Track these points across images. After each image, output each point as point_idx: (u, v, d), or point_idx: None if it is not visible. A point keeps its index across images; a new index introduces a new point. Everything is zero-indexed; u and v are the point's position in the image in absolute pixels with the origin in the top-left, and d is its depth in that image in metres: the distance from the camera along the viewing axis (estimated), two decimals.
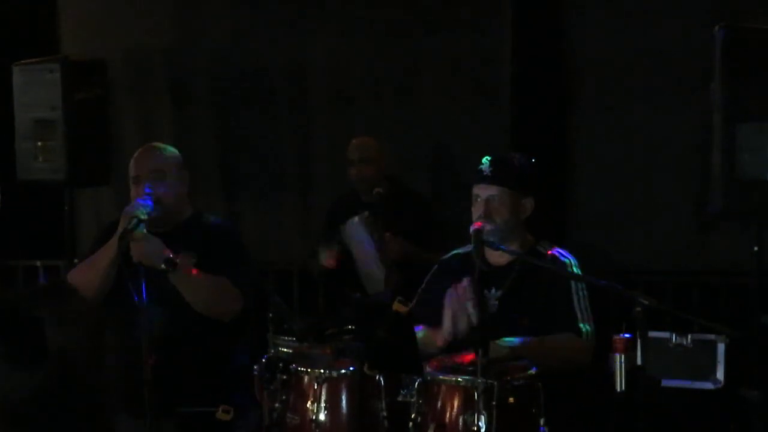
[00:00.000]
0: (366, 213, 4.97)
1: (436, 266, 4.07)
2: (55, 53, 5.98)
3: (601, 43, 6.10)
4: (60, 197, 5.61)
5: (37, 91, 5.26)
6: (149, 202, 3.75)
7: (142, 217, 3.67)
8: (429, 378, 3.46)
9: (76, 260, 4.80)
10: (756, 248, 4.18)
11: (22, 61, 5.39)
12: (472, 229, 3.70)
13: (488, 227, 3.75)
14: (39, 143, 5.26)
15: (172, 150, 3.99)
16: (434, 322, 3.86)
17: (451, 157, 6.43)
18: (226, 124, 6.86)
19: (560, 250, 3.86)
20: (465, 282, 3.63)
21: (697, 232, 5.92)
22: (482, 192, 3.81)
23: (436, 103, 6.45)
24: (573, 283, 3.74)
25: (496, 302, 3.78)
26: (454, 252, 3.98)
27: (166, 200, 3.83)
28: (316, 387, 3.56)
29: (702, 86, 4.34)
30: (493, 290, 3.80)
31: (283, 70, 6.75)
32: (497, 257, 3.83)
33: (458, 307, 3.64)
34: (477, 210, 3.81)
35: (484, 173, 3.80)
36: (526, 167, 3.89)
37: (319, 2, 6.70)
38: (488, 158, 3.84)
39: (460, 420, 3.34)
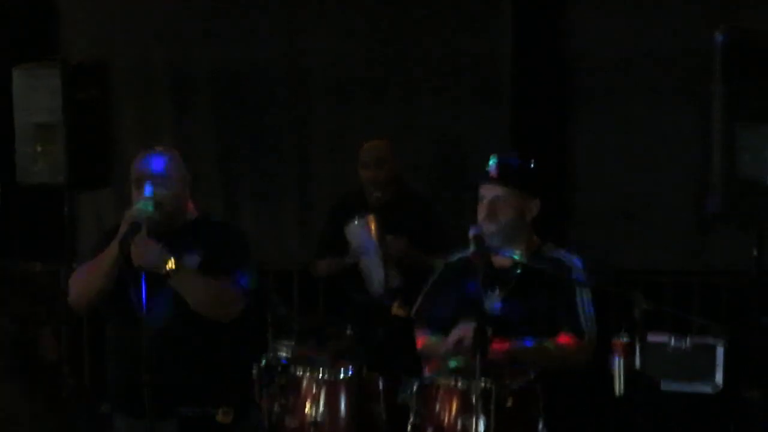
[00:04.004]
0: (370, 213, 4.98)
1: (441, 268, 4.07)
2: (56, 56, 5.97)
3: (601, 43, 6.10)
4: (60, 200, 5.61)
5: (37, 94, 5.25)
6: (150, 205, 3.75)
7: (143, 220, 3.68)
8: (428, 381, 3.46)
9: (75, 264, 4.79)
10: (755, 249, 4.17)
11: (23, 64, 5.39)
12: (471, 233, 3.70)
13: (492, 228, 3.75)
14: (39, 146, 5.25)
15: (173, 152, 3.99)
16: (437, 325, 3.87)
17: (451, 157, 6.43)
18: (226, 125, 6.86)
19: (565, 253, 3.87)
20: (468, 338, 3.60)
21: (697, 232, 5.92)
22: (488, 192, 3.81)
23: (436, 103, 6.45)
24: (577, 286, 3.74)
25: (500, 304, 3.79)
26: (460, 255, 3.98)
27: (168, 203, 3.83)
28: (315, 389, 3.58)
29: (702, 86, 4.34)
30: (497, 292, 3.80)
31: (282, 70, 6.75)
32: (501, 259, 3.84)
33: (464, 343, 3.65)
34: (482, 210, 3.81)
35: (491, 173, 3.81)
36: (532, 169, 3.90)
37: (319, 2, 6.70)
38: (495, 158, 3.84)
39: (459, 423, 3.35)
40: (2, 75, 5.48)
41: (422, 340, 3.90)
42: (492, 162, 3.82)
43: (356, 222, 4.97)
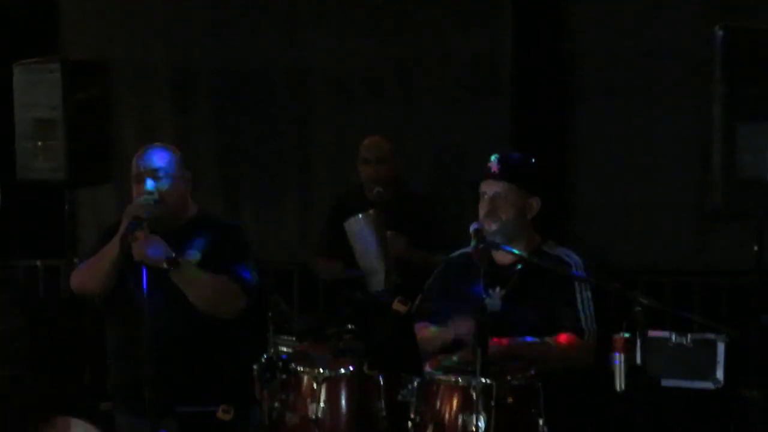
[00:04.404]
0: (371, 210, 4.97)
1: (443, 264, 4.08)
2: (55, 53, 5.98)
3: (601, 43, 6.11)
4: (60, 197, 5.61)
5: (37, 90, 5.26)
6: (151, 201, 3.76)
7: (144, 216, 3.68)
8: (428, 378, 3.46)
9: (76, 260, 4.80)
10: (756, 248, 4.17)
11: (23, 61, 5.39)
12: (471, 228, 3.70)
13: (493, 225, 3.76)
14: (39, 143, 5.25)
15: (173, 149, 4.00)
16: (438, 320, 3.87)
17: (451, 156, 6.43)
18: (226, 124, 6.87)
19: (566, 251, 3.87)
20: (467, 327, 3.60)
21: (697, 232, 5.92)
22: (489, 189, 3.81)
23: (436, 102, 6.45)
24: (577, 284, 3.74)
25: (500, 301, 3.79)
26: (462, 250, 3.98)
27: (169, 199, 3.84)
28: (315, 386, 3.57)
29: (702, 86, 4.34)
30: (498, 289, 3.81)
31: (282, 70, 6.75)
32: (502, 256, 3.84)
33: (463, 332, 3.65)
34: (483, 207, 3.81)
35: (492, 170, 3.81)
36: (533, 166, 3.91)
37: (319, 2, 6.71)
38: (496, 155, 3.85)
39: (459, 420, 3.34)
40: (3, 71, 5.48)
41: (422, 332, 3.89)
42: (493, 158, 3.83)
43: (357, 217, 4.95)
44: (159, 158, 3.89)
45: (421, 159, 6.44)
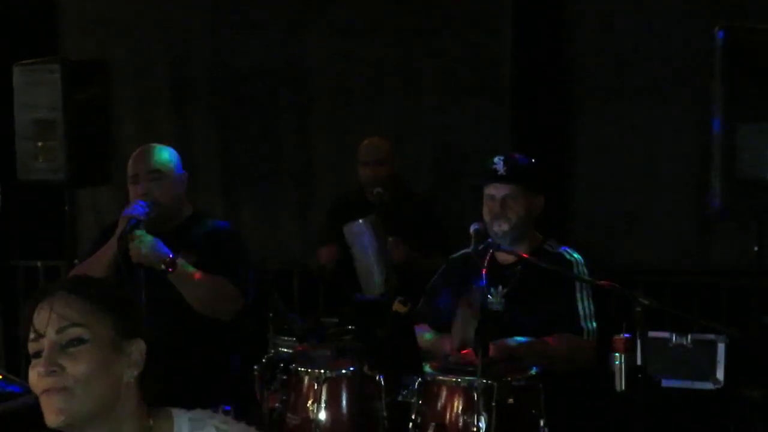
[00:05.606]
0: (374, 215, 4.97)
1: (444, 265, 4.08)
2: (55, 53, 5.96)
3: (601, 43, 6.11)
4: (60, 197, 5.60)
5: (37, 91, 5.23)
6: (147, 203, 3.76)
7: (141, 217, 3.68)
8: (429, 378, 3.47)
9: (76, 261, 4.79)
10: (756, 248, 4.17)
11: (23, 61, 5.38)
12: (471, 229, 3.71)
13: (505, 226, 3.77)
14: (39, 143, 5.23)
15: (170, 150, 3.99)
16: (439, 321, 3.87)
17: (451, 157, 6.43)
18: (226, 124, 6.86)
19: (567, 249, 3.88)
20: (474, 294, 3.60)
21: (697, 232, 5.92)
22: (497, 191, 3.82)
23: (436, 102, 6.45)
24: (578, 283, 3.75)
25: (503, 300, 3.79)
26: (463, 251, 3.99)
27: (164, 201, 3.84)
28: (316, 387, 3.57)
29: (702, 86, 4.33)
30: (500, 288, 3.81)
31: (283, 69, 6.75)
32: (504, 256, 3.85)
33: (469, 321, 3.64)
34: (492, 209, 3.82)
35: (499, 173, 3.82)
36: (536, 166, 3.93)
37: (319, 2, 6.70)
38: (500, 158, 3.86)
39: (460, 420, 3.35)
40: (2, 71, 5.47)
41: (421, 338, 3.90)
42: (498, 161, 3.84)
43: (357, 222, 4.94)
44: (154, 160, 3.89)
45: (421, 159, 6.44)
